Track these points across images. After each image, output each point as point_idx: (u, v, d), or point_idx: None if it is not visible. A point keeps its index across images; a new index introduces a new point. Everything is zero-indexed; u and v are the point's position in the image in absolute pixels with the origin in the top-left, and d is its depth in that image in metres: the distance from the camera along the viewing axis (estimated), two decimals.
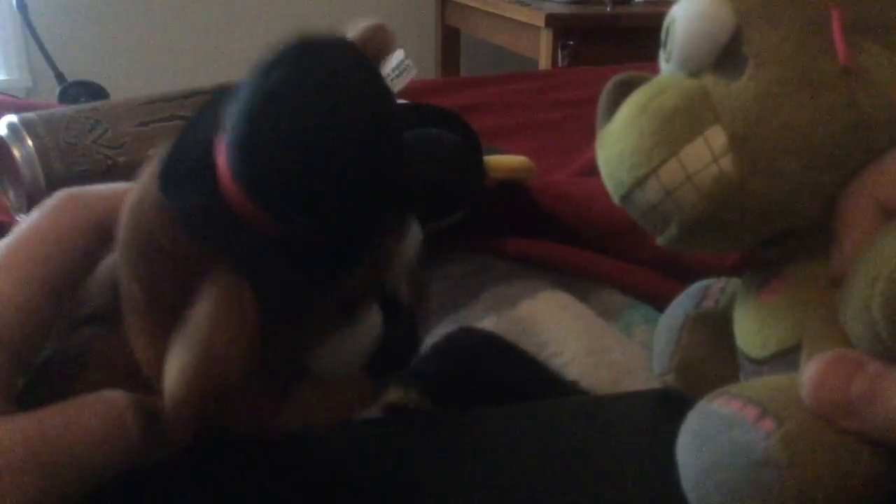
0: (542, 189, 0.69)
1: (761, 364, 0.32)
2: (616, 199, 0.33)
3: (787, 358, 0.31)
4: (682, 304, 0.41)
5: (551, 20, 1.79)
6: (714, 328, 0.38)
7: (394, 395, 0.44)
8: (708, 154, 0.29)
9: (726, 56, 0.30)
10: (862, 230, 0.28)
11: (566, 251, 0.63)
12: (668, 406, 0.40)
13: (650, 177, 0.31)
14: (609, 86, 0.33)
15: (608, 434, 0.40)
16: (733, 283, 0.40)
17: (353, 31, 0.30)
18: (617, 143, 0.32)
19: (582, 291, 0.59)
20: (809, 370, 0.27)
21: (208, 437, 0.39)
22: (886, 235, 0.26)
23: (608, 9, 1.91)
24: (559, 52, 1.78)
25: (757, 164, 0.29)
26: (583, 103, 1.18)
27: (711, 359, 0.39)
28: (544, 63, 1.83)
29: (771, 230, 0.32)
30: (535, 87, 1.33)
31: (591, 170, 0.87)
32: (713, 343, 0.38)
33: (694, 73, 0.31)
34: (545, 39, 1.82)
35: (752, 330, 0.33)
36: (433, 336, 0.51)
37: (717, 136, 0.29)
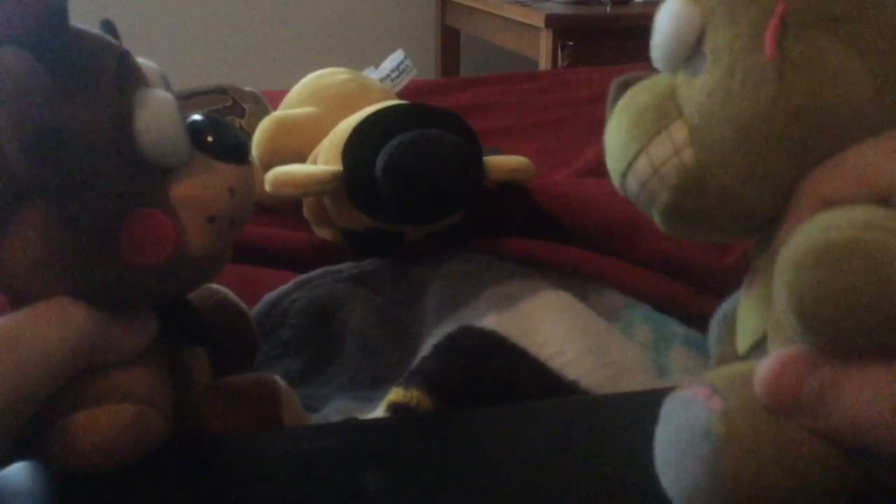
0: (542, 189, 0.69)
1: (744, 359, 0.33)
2: (618, 189, 0.36)
3: (759, 350, 0.32)
4: (737, 294, 0.41)
5: (551, 20, 1.79)
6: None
7: (395, 394, 0.45)
8: (670, 147, 0.31)
9: (695, 54, 0.32)
10: (800, 222, 0.28)
11: (566, 251, 0.63)
12: None
13: (628, 170, 0.33)
14: (613, 84, 0.35)
15: (608, 434, 0.40)
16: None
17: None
18: (609, 138, 0.34)
19: (582, 291, 0.59)
20: (763, 369, 0.27)
21: (200, 437, 0.39)
22: (803, 226, 0.26)
23: (608, 9, 1.91)
24: (559, 52, 1.78)
25: (712, 155, 0.31)
26: (583, 103, 1.19)
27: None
28: (544, 63, 1.83)
29: (740, 220, 0.32)
30: (535, 87, 1.33)
31: (591, 170, 0.87)
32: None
33: (672, 72, 0.33)
34: (545, 39, 1.82)
35: (737, 327, 0.34)
36: (435, 335, 0.51)
37: (678, 130, 0.31)
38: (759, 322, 0.32)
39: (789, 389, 0.27)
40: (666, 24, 0.33)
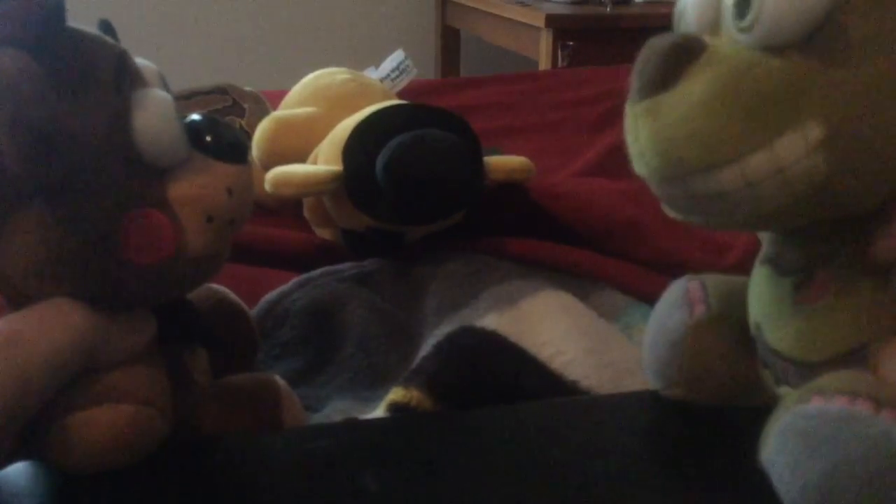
0: (542, 189, 0.69)
1: (816, 367, 0.31)
2: (657, 177, 0.30)
3: (847, 359, 0.30)
4: (671, 314, 0.40)
5: (551, 20, 1.79)
6: (717, 334, 0.38)
7: (395, 394, 0.44)
8: (803, 147, 0.27)
9: (821, 37, 0.27)
10: None
11: (566, 251, 0.63)
12: (668, 406, 0.40)
13: (731, 164, 0.28)
14: (662, 48, 0.30)
15: (608, 434, 0.40)
16: (712, 282, 0.40)
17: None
18: (687, 121, 0.28)
19: (582, 291, 0.59)
20: (885, 357, 0.27)
21: (200, 437, 0.39)
22: None
23: (608, 9, 1.91)
24: (559, 52, 1.78)
25: (847, 162, 0.27)
26: (583, 104, 1.18)
27: (721, 365, 0.38)
28: (544, 63, 1.83)
29: (835, 216, 0.30)
30: (536, 87, 1.33)
31: (591, 170, 0.87)
32: (721, 349, 0.38)
33: (776, 51, 0.28)
34: (545, 40, 1.81)
35: (800, 336, 0.32)
36: (435, 335, 0.51)
37: (814, 129, 0.27)
38: (849, 333, 0.30)
39: None
40: None
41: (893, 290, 0.29)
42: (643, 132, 0.30)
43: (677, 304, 0.40)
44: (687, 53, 0.29)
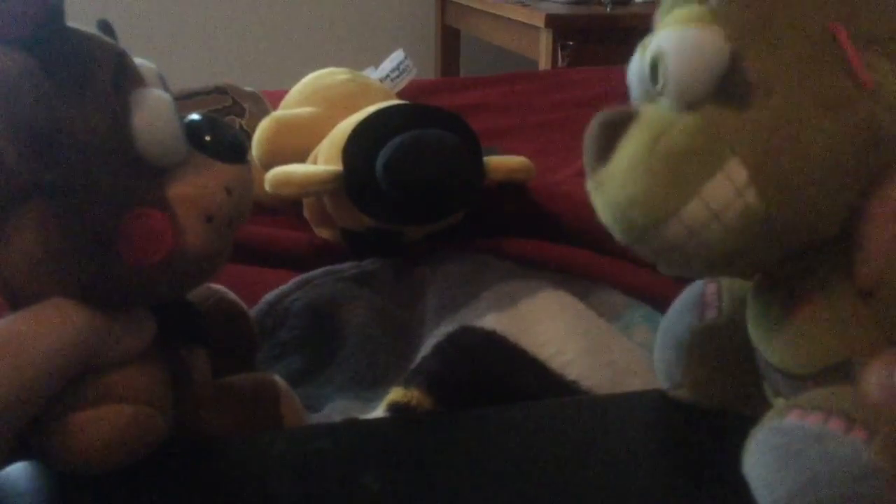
0: (542, 189, 0.69)
1: (804, 380, 0.31)
2: (625, 241, 0.32)
3: (832, 373, 0.30)
4: (682, 317, 0.40)
5: (551, 20, 1.79)
6: (724, 340, 0.38)
7: (395, 394, 0.44)
8: (731, 189, 0.29)
9: (727, 85, 0.29)
10: (887, 238, 0.28)
11: (566, 251, 0.63)
12: (668, 406, 0.40)
13: (671, 219, 0.30)
14: (595, 127, 0.32)
15: (608, 434, 0.40)
16: (728, 285, 0.40)
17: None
18: (624, 188, 0.30)
19: (582, 291, 0.59)
20: (873, 374, 0.28)
21: (200, 437, 0.39)
22: None
23: (608, 9, 1.91)
24: (559, 52, 1.78)
25: (781, 192, 0.28)
26: (583, 103, 1.18)
27: (726, 371, 0.38)
28: (544, 63, 1.83)
29: (792, 250, 0.31)
30: (535, 87, 1.33)
31: None
32: (726, 355, 0.38)
33: (692, 106, 0.30)
34: (545, 40, 1.81)
35: (787, 349, 0.32)
36: (435, 335, 0.51)
37: (737, 170, 0.28)
38: (835, 345, 0.30)
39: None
40: (685, 55, 0.30)
41: (874, 309, 0.29)
42: (598, 204, 0.32)
43: (690, 306, 0.40)
44: (618, 126, 0.31)
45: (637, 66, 0.33)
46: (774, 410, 0.30)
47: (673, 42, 0.30)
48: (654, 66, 0.31)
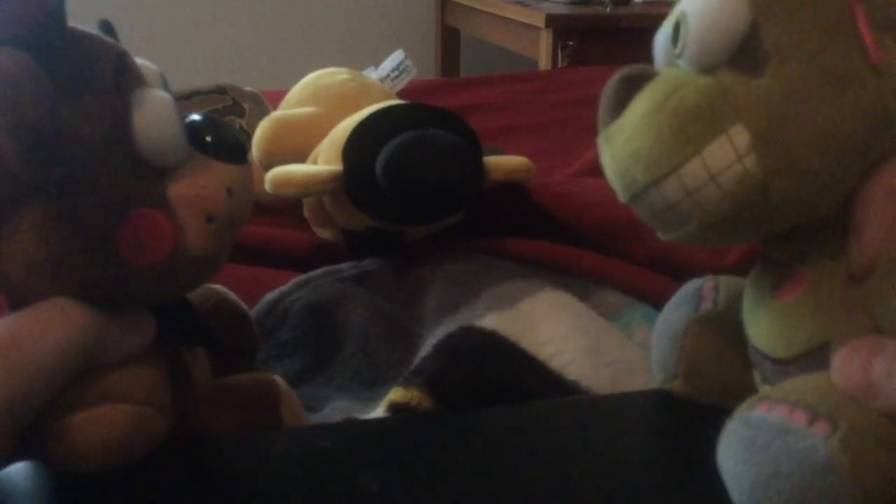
0: (542, 189, 0.69)
1: (787, 364, 0.32)
2: (625, 197, 0.33)
3: (815, 357, 0.30)
4: (678, 308, 0.40)
5: (551, 20, 1.79)
6: (718, 330, 0.38)
7: (395, 394, 0.45)
8: (732, 153, 0.29)
9: (743, 52, 0.29)
10: (883, 224, 0.28)
11: (566, 251, 0.63)
12: (668, 406, 0.40)
13: (669, 176, 0.30)
14: (614, 81, 0.33)
15: (608, 434, 0.40)
16: (726, 282, 0.40)
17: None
18: (630, 142, 0.31)
19: (582, 291, 0.59)
20: (835, 357, 0.28)
21: (200, 437, 0.39)
22: None
23: (608, 9, 1.91)
24: (559, 52, 1.78)
25: (781, 162, 0.29)
26: (583, 103, 1.18)
27: (720, 361, 0.38)
28: (544, 63, 1.83)
29: (788, 225, 0.31)
30: (535, 87, 1.33)
31: (591, 170, 0.87)
32: (719, 345, 0.38)
33: (708, 70, 0.30)
34: (545, 40, 1.82)
35: (773, 331, 0.32)
36: (435, 335, 0.51)
37: (740, 135, 0.29)
38: (816, 329, 0.30)
39: (859, 371, 0.27)
40: (706, 18, 0.30)
41: (864, 295, 0.29)
42: (605, 159, 0.33)
43: (686, 299, 0.40)
44: (635, 83, 0.32)
45: (662, 34, 0.33)
46: (747, 402, 0.30)
47: (696, 4, 0.30)
48: (677, 29, 0.31)
